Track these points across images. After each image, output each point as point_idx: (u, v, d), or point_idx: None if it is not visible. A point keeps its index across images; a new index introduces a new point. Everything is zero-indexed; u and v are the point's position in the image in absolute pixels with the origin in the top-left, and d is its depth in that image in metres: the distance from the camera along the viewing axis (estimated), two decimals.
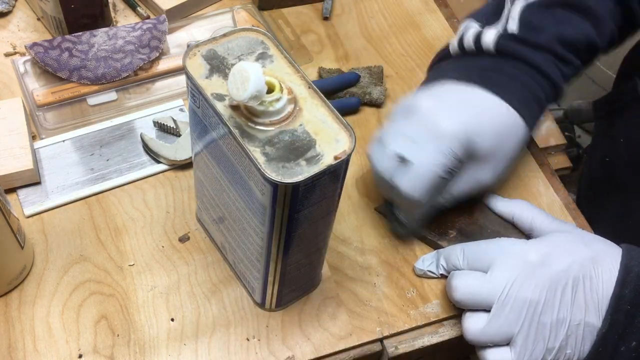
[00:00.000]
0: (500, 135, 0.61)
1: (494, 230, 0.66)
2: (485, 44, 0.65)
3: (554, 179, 0.74)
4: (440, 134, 0.58)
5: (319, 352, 0.60)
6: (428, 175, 0.58)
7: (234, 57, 0.51)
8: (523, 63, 0.63)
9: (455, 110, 0.60)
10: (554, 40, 0.64)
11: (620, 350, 0.55)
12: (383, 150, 0.60)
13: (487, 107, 0.61)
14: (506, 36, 0.64)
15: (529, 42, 0.64)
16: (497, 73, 0.63)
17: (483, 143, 0.60)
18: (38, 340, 0.58)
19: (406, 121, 0.61)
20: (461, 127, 0.59)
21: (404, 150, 0.59)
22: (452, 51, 0.68)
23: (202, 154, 0.55)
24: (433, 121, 0.59)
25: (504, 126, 0.61)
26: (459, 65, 0.67)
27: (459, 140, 0.59)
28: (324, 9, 0.86)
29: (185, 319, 0.60)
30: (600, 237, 0.61)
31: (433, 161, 0.58)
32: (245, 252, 0.57)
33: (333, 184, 0.50)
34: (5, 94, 0.73)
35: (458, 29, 0.69)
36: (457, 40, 0.68)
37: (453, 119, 0.59)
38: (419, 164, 0.58)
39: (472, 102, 0.61)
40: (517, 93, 0.62)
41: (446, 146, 0.58)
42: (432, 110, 0.60)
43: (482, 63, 0.65)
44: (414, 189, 0.59)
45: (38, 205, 0.65)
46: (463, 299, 0.58)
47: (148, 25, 0.76)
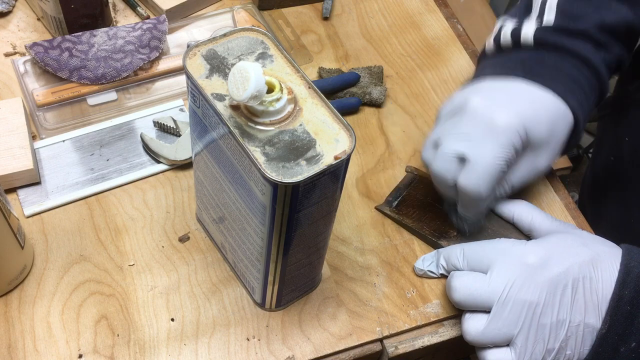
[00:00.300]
0: (553, 123, 0.62)
1: (494, 231, 0.66)
2: (525, 38, 0.65)
3: (554, 179, 0.74)
4: (496, 128, 0.59)
5: (319, 352, 0.60)
6: (491, 170, 0.59)
7: (234, 57, 0.51)
8: (563, 52, 0.64)
9: (506, 103, 0.60)
10: (592, 26, 0.64)
11: (620, 351, 0.55)
12: (440, 152, 0.60)
13: (536, 97, 0.62)
14: (544, 28, 0.65)
15: (567, 31, 0.64)
16: (538, 64, 0.64)
17: (539, 132, 0.60)
18: (38, 340, 0.58)
19: (459, 120, 0.61)
20: (517, 119, 0.59)
21: (463, 149, 0.59)
22: (488, 49, 0.69)
23: (202, 154, 0.55)
24: (487, 117, 0.59)
25: (554, 114, 0.62)
26: (498, 61, 0.67)
27: (516, 132, 0.59)
28: (324, 9, 0.86)
29: (185, 319, 0.60)
30: (600, 237, 0.61)
31: (493, 155, 0.58)
32: (245, 252, 0.57)
33: (333, 184, 0.50)
34: (5, 94, 0.73)
35: (495, 27, 0.70)
36: (493, 38, 0.68)
37: (507, 112, 0.59)
38: (480, 160, 0.58)
39: (520, 94, 0.62)
40: (560, 82, 0.63)
41: (505, 139, 0.59)
42: (484, 106, 0.60)
43: (521, 56, 0.66)
44: (479, 185, 0.59)
45: (38, 205, 0.65)
46: (462, 299, 0.58)
47: (148, 25, 0.76)
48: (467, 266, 0.60)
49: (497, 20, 0.71)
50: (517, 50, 0.67)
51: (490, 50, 0.69)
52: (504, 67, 0.65)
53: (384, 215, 0.69)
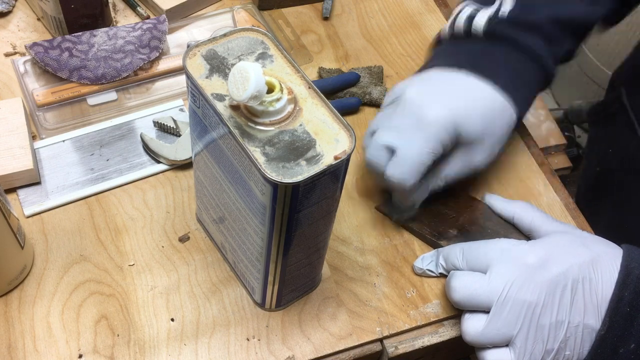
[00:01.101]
0: (489, 119, 0.62)
1: (494, 231, 0.66)
2: (475, 28, 0.65)
3: (554, 179, 0.74)
4: (425, 122, 0.60)
5: (319, 352, 0.60)
6: (416, 162, 0.60)
7: (234, 57, 0.51)
8: (513, 47, 0.64)
9: (441, 98, 0.61)
10: (546, 20, 0.64)
11: (619, 352, 0.55)
12: (372, 141, 0.62)
13: (474, 92, 0.62)
14: (497, 19, 0.65)
15: (520, 24, 0.64)
16: (485, 58, 0.64)
17: (471, 128, 0.61)
18: (38, 340, 0.58)
19: (393, 111, 0.62)
20: (447, 114, 0.60)
21: (391, 141, 0.60)
22: (442, 35, 0.69)
23: (202, 154, 0.55)
24: (418, 111, 0.60)
25: (491, 110, 0.62)
26: (449, 50, 0.68)
27: (444, 128, 0.60)
28: (324, 9, 0.86)
29: (185, 319, 0.60)
30: (600, 238, 0.61)
31: (419, 149, 0.60)
32: (245, 252, 0.57)
33: (333, 184, 0.50)
34: (5, 94, 0.73)
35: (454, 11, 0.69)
36: (449, 23, 0.68)
37: (438, 107, 0.60)
38: (405, 152, 0.60)
39: (458, 89, 0.62)
40: (506, 77, 0.63)
41: (432, 134, 0.60)
42: (418, 99, 0.61)
43: (471, 47, 0.66)
44: (404, 176, 0.60)
45: (38, 205, 0.65)
46: (462, 299, 0.58)
47: (148, 25, 0.76)
48: (467, 266, 0.60)
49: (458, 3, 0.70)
50: (468, 39, 0.66)
51: (444, 36, 0.69)
52: (452, 58, 0.65)
53: (384, 215, 0.69)
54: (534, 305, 0.55)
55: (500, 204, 0.67)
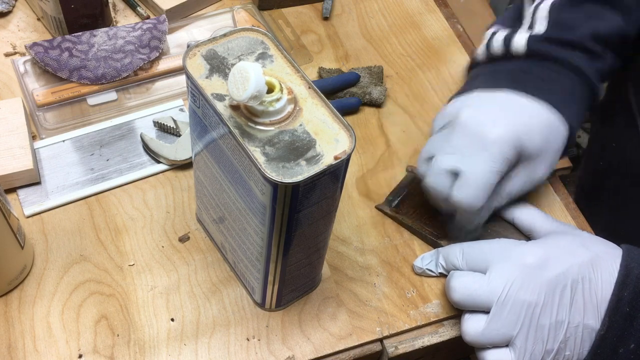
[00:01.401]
0: (547, 134, 0.62)
1: (494, 231, 0.66)
2: (516, 47, 0.65)
3: (554, 179, 0.74)
4: (488, 142, 0.59)
5: (319, 352, 0.60)
6: (483, 183, 0.59)
7: (234, 57, 0.51)
8: (556, 63, 0.64)
9: (498, 115, 0.60)
10: (585, 36, 0.64)
11: (619, 353, 0.55)
12: (433, 167, 0.61)
13: (529, 109, 0.62)
14: (536, 37, 0.65)
15: (559, 41, 0.64)
16: (530, 75, 0.64)
17: (532, 143, 0.61)
18: (38, 340, 0.58)
19: (450, 133, 0.61)
20: (509, 132, 0.59)
21: (456, 164, 0.59)
22: (480, 57, 0.69)
23: (202, 154, 0.55)
24: (478, 130, 0.59)
25: (548, 125, 0.62)
26: (489, 71, 0.67)
27: (508, 145, 0.59)
28: (324, 9, 0.86)
29: (185, 319, 0.60)
30: (600, 238, 0.61)
31: (486, 168, 0.59)
32: (245, 252, 0.57)
33: (333, 184, 0.50)
34: (5, 94, 0.73)
35: (485, 35, 0.69)
36: (484, 47, 0.68)
37: (500, 126, 0.59)
38: (473, 175, 0.59)
39: (510, 106, 0.62)
40: (553, 93, 0.63)
41: (497, 152, 0.59)
42: (475, 119, 0.60)
43: (512, 66, 0.65)
44: (473, 199, 0.59)
45: (38, 205, 0.65)
46: (462, 300, 0.58)
47: (148, 25, 0.76)
48: (466, 266, 0.60)
49: (488, 27, 0.71)
50: (508, 59, 0.66)
51: (481, 58, 0.69)
52: (495, 78, 0.65)
53: (384, 214, 0.69)
54: (534, 305, 0.55)
55: (499, 211, 0.67)
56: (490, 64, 0.68)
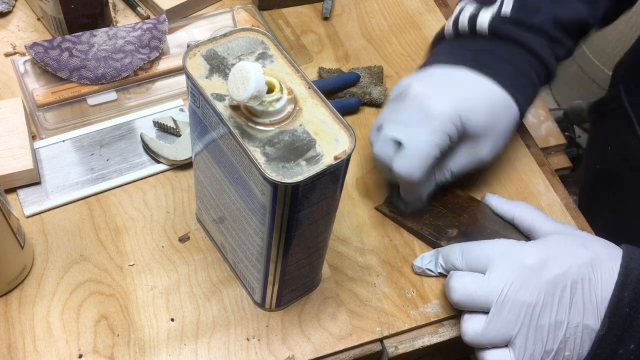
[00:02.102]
0: (493, 113, 0.63)
1: (494, 231, 0.66)
2: (480, 26, 0.66)
3: (554, 179, 0.74)
4: (431, 116, 0.60)
5: (319, 352, 0.60)
6: (423, 156, 0.60)
7: (234, 57, 0.51)
8: (516, 45, 0.65)
9: (446, 92, 0.62)
10: (548, 22, 0.65)
11: (619, 353, 0.55)
12: (380, 136, 0.62)
13: (478, 87, 0.63)
14: (500, 18, 0.66)
15: (523, 24, 0.65)
16: (490, 56, 0.65)
17: (476, 121, 0.62)
18: (38, 340, 0.58)
19: (399, 106, 0.63)
20: (452, 107, 0.61)
21: (398, 134, 0.61)
22: (447, 33, 0.70)
23: (202, 154, 0.55)
24: (424, 104, 0.61)
25: (495, 104, 0.63)
26: (452, 47, 0.68)
27: (450, 120, 0.60)
28: (324, 9, 0.86)
29: (185, 319, 0.60)
30: (600, 238, 0.61)
31: (426, 142, 0.60)
32: (245, 252, 0.57)
33: (333, 184, 0.50)
34: (5, 94, 0.73)
35: (455, 8, 0.70)
36: (452, 22, 0.69)
37: (444, 100, 0.61)
38: (412, 146, 0.60)
39: (463, 84, 0.63)
40: (509, 75, 0.64)
41: (438, 127, 0.60)
42: (423, 94, 0.62)
43: (475, 45, 0.66)
44: (411, 170, 0.60)
45: (38, 205, 0.65)
46: (461, 300, 0.58)
47: (148, 25, 0.76)
48: (466, 266, 0.60)
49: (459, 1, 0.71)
50: (472, 37, 0.67)
51: (448, 33, 0.69)
52: (456, 55, 0.66)
53: (384, 215, 0.69)
54: (533, 305, 0.55)
55: (500, 204, 0.67)
56: (454, 40, 0.69)
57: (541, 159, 0.76)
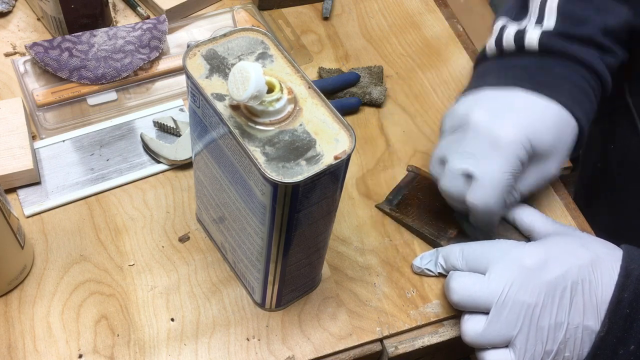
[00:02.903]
0: (558, 131, 0.62)
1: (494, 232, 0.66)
2: (529, 43, 0.65)
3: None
4: (500, 143, 0.59)
5: (319, 352, 0.60)
6: (499, 185, 0.59)
7: (234, 57, 0.51)
8: (568, 59, 0.64)
9: (509, 116, 0.60)
10: (596, 31, 0.64)
11: (619, 354, 0.55)
12: (447, 170, 0.61)
13: (538, 107, 0.62)
14: (548, 33, 0.64)
15: (572, 37, 0.64)
16: (542, 72, 0.64)
17: (544, 142, 0.61)
18: (38, 340, 0.58)
19: (462, 136, 0.61)
20: (520, 132, 0.59)
21: (469, 166, 0.59)
22: (490, 53, 0.68)
23: (202, 154, 0.55)
24: (490, 132, 0.59)
25: (558, 124, 0.62)
26: (500, 67, 0.67)
27: (520, 146, 0.59)
28: (324, 9, 0.86)
29: (185, 319, 0.60)
30: (600, 239, 0.61)
31: (500, 171, 0.59)
32: (245, 252, 0.57)
33: (333, 184, 0.50)
34: (5, 94, 0.73)
35: (492, 29, 0.69)
36: (494, 41, 0.67)
37: (510, 126, 0.59)
38: (487, 177, 0.59)
39: (522, 106, 0.62)
40: (564, 90, 0.63)
41: (510, 153, 0.59)
42: (486, 120, 0.60)
43: (524, 63, 0.65)
44: (489, 202, 0.59)
45: (38, 205, 0.65)
46: (461, 301, 0.58)
47: (148, 25, 0.76)
48: (466, 266, 0.60)
49: (495, 19, 0.70)
50: (520, 55, 0.66)
51: (491, 53, 0.68)
52: (507, 75, 0.64)
53: (384, 213, 0.69)
54: (533, 306, 0.55)
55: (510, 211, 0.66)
56: (500, 59, 0.67)
57: None
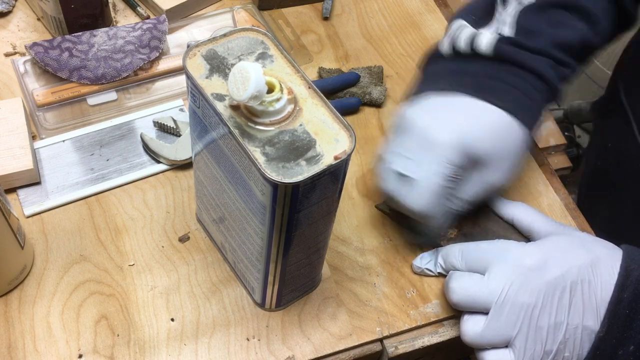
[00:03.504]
0: (499, 139, 0.61)
1: (494, 231, 0.66)
2: (482, 48, 0.64)
3: (554, 179, 0.74)
4: (434, 146, 0.59)
5: (319, 352, 0.60)
6: (430, 188, 0.59)
7: (234, 57, 0.51)
8: (521, 68, 0.63)
9: (448, 121, 0.60)
10: (551, 44, 0.63)
11: (618, 354, 0.55)
12: (385, 169, 0.61)
13: (480, 113, 0.61)
14: (503, 40, 0.64)
15: (526, 47, 0.63)
16: (493, 80, 0.63)
17: (481, 147, 0.60)
18: (38, 340, 0.58)
19: (401, 138, 0.61)
20: (455, 136, 0.59)
21: (403, 168, 0.60)
22: (444, 52, 0.67)
23: (202, 154, 0.55)
24: (426, 136, 0.59)
25: (500, 130, 0.61)
26: (452, 69, 0.66)
27: (454, 148, 0.59)
28: (324, 9, 0.86)
29: (185, 319, 0.60)
30: (600, 239, 0.61)
31: (432, 174, 0.59)
32: (245, 252, 0.57)
33: (333, 184, 0.50)
34: (5, 94, 0.73)
35: (447, 28, 0.68)
36: (448, 41, 0.67)
37: (446, 130, 0.59)
38: (419, 179, 0.59)
39: (465, 111, 0.61)
40: (511, 98, 0.62)
41: (442, 156, 0.59)
42: (425, 125, 0.60)
43: (477, 69, 0.64)
44: (419, 203, 0.59)
45: (38, 205, 0.65)
46: (460, 301, 0.58)
47: (148, 25, 0.76)
48: (465, 266, 0.60)
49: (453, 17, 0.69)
50: (473, 59, 0.65)
51: (445, 52, 0.67)
52: (457, 80, 0.64)
53: (384, 214, 0.69)
54: (533, 306, 0.55)
55: (500, 204, 0.67)
56: (454, 61, 0.66)
57: (541, 158, 0.76)
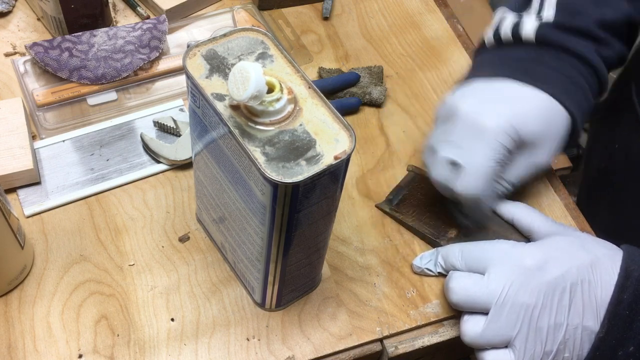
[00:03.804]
0: (545, 122, 0.62)
1: (494, 232, 0.66)
2: (525, 34, 0.65)
3: (554, 179, 0.74)
4: (484, 132, 0.60)
5: (319, 352, 0.60)
6: (483, 173, 0.60)
7: (234, 57, 0.51)
8: (563, 51, 0.64)
9: (496, 107, 0.61)
10: (593, 24, 0.64)
11: (618, 355, 0.55)
12: (434, 157, 0.62)
13: (527, 98, 0.62)
14: (544, 25, 0.65)
15: (568, 28, 0.64)
16: (535, 64, 0.64)
17: (530, 130, 0.61)
18: (38, 340, 0.58)
19: (450, 126, 0.62)
20: (505, 121, 0.60)
21: (453, 155, 0.60)
22: (488, 43, 0.69)
23: (202, 154, 0.55)
24: (475, 122, 0.60)
25: (546, 113, 0.62)
26: (495, 58, 0.67)
27: (505, 134, 0.60)
28: (324, 9, 0.86)
29: (185, 319, 0.60)
30: (600, 239, 0.61)
31: (483, 159, 0.59)
32: (245, 252, 0.57)
33: (333, 184, 0.50)
34: (5, 94, 0.73)
35: (492, 19, 0.69)
36: (492, 31, 0.68)
37: (495, 116, 0.60)
38: (472, 165, 0.60)
39: (511, 97, 0.62)
40: (556, 82, 0.63)
41: (493, 141, 0.59)
42: (472, 111, 0.61)
43: (520, 54, 0.66)
44: (472, 189, 0.60)
45: (38, 205, 0.65)
46: (460, 301, 0.58)
47: (148, 25, 0.76)
48: (465, 266, 0.60)
49: (496, 10, 0.70)
50: (516, 46, 0.66)
51: (489, 43, 0.69)
52: (500, 67, 0.65)
53: (384, 213, 0.69)
54: (533, 307, 0.55)
55: (499, 205, 0.67)
56: (498, 50, 0.68)
57: None
